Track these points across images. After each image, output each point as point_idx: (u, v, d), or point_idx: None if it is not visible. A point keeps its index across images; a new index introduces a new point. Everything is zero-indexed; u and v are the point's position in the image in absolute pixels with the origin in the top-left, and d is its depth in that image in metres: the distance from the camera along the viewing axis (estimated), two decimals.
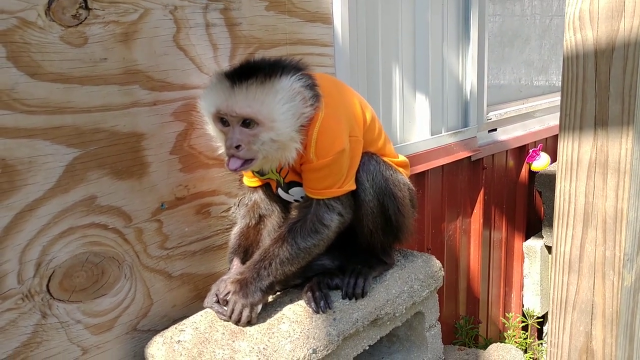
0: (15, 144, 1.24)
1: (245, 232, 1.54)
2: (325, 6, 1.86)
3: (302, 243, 1.39)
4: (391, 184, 1.47)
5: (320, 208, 1.39)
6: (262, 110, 1.27)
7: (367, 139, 1.47)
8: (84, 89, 1.33)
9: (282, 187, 1.48)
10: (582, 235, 1.26)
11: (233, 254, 1.52)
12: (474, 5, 2.55)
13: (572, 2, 1.19)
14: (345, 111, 1.42)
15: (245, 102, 1.27)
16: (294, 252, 1.38)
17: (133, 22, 1.39)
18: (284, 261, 1.38)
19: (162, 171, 1.50)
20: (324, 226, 1.39)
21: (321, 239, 1.40)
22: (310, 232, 1.39)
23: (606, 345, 1.26)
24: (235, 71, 1.31)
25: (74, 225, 1.35)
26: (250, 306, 1.37)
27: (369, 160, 1.46)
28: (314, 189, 1.39)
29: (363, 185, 1.44)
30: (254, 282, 1.37)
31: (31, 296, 1.30)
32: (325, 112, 1.35)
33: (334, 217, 1.40)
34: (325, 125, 1.34)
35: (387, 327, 1.56)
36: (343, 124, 1.38)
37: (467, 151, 2.62)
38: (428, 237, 2.54)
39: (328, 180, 1.37)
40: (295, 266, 1.40)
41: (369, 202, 1.45)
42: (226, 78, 1.30)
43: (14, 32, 1.20)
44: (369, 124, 1.48)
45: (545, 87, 3.52)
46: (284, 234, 1.40)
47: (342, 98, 1.45)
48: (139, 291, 1.50)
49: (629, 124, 1.16)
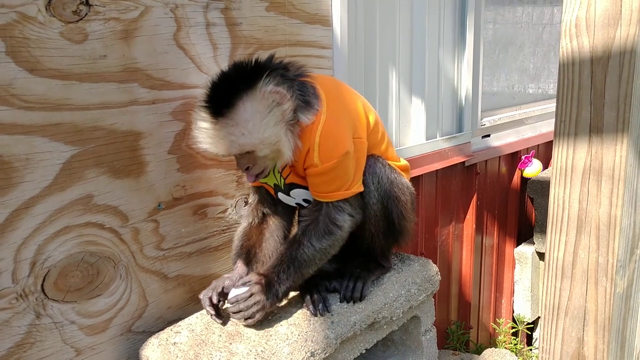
0: (13, 140, 1.22)
1: (248, 233, 1.52)
2: (324, 8, 1.86)
3: (317, 244, 1.38)
4: (395, 187, 1.47)
5: (330, 210, 1.39)
6: (246, 142, 1.28)
7: (370, 142, 1.46)
8: (83, 86, 1.31)
9: (283, 190, 1.47)
10: (576, 241, 1.26)
11: (236, 255, 1.51)
12: (470, 12, 2.56)
13: (569, 9, 1.20)
14: (348, 113, 1.41)
15: (228, 144, 1.29)
16: (310, 254, 1.38)
17: (133, 20, 1.38)
18: (302, 264, 1.38)
19: (159, 171, 1.49)
20: (336, 227, 1.39)
21: (335, 240, 1.40)
22: (324, 233, 1.39)
23: (598, 352, 1.26)
24: (210, 103, 1.28)
25: (70, 224, 1.33)
26: (262, 307, 1.35)
27: (375, 163, 1.46)
28: (321, 192, 1.39)
29: (368, 188, 1.44)
30: (276, 285, 1.36)
31: (25, 296, 1.27)
32: (326, 115, 1.35)
33: (345, 217, 1.40)
34: (327, 128, 1.34)
35: (384, 330, 1.55)
36: (345, 126, 1.37)
37: (461, 156, 2.63)
38: (422, 242, 2.54)
39: (335, 183, 1.37)
40: (312, 268, 1.40)
41: (372, 205, 1.45)
42: (204, 116, 1.29)
43: (13, 27, 1.19)
44: (372, 126, 1.48)
45: (538, 94, 3.55)
46: (299, 237, 1.40)
47: (344, 100, 1.44)
48: (134, 292, 1.48)
49: (623, 132, 1.17)
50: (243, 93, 1.27)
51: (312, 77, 1.39)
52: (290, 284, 1.37)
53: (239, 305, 1.34)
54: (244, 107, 1.27)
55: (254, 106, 1.27)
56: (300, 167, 1.38)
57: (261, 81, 1.27)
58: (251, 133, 1.28)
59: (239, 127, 1.27)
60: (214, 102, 1.27)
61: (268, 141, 1.29)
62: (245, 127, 1.27)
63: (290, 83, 1.32)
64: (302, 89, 1.34)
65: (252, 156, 1.32)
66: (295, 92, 1.32)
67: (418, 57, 2.40)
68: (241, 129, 1.27)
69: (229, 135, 1.28)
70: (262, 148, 1.30)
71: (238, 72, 1.30)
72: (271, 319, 1.39)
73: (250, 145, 1.29)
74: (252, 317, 1.34)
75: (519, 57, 3.35)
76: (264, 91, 1.27)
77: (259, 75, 1.28)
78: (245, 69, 1.30)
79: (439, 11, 2.46)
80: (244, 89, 1.27)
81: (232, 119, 1.27)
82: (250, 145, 1.29)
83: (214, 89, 1.29)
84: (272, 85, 1.28)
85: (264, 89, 1.28)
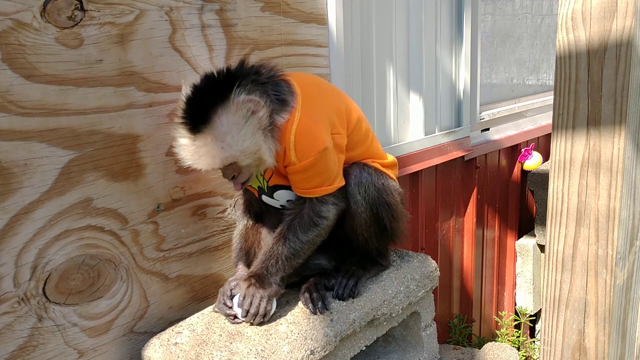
0: (11, 146, 1.23)
1: (245, 234, 1.54)
2: (320, 7, 1.86)
3: (303, 237, 1.40)
4: (384, 193, 1.47)
5: (314, 203, 1.40)
6: (227, 156, 1.29)
7: (354, 139, 1.46)
8: (80, 91, 1.32)
9: (266, 192, 1.48)
10: (575, 233, 1.26)
11: (237, 258, 1.54)
12: (467, 5, 2.56)
13: (565, 2, 1.19)
14: (325, 109, 1.40)
15: (210, 159, 1.29)
16: (297, 247, 1.40)
17: (129, 24, 1.39)
18: (289, 257, 1.40)
19: (158, 173, 1.50)
20: (321, 218, 1.41)
21: (322, 229, 1.42)
22: (309, 225, 1.40)
23: (599, 343, 1.27)
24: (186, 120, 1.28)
25: (70, 228, 1.34)
26: (267, 298, 1.38)
27: (361, 172, 1.45)
28: (303, 189, 1.40)
29: (355, 198, 1.44)
30: (267, 276, 1.39)
31: (27, 299, 1.29)
32: (301, 111, 1.34)
33: (329, 207, 1.41)
34: (302, 126, 1.33)
35: (384, 327, 1.56)
36: (322, 122, 1.36)
37: (461, 151, 2.63)
38: (422, 237, 2.55)
39: (316, 180, 1.37)
40: (301, 258, 1.43)
41: (361, 214, 1.45)
42: (183, 133, 1.29)
43: (9, 34, 1.20)
44: (354, 124, 1.47)
45: (537, 87, 3.54)
46: (284, 231, 1.41)
47: (322, 96, 1.43)
48: (135, 293, 1.49)
49: (621, 124, 1.17)
50: (217, 106, 1.26)
51: (286, 75, 1.38)
52: (282, 274, 1.40)
53: (244, 310, 1.37)
54: (220, 120, 1.26)
55: (229, 118, 1.27)
56: (280, 166, 1.39)
57: (233, 92, 1.27)
58: (230, 146, 1.28)
59: (217, 141, 1.27)
60: (190, 118, 1.27)
61: (248, 151, 1.29)
62: (224, 140, 1.27)
63: (263, 88, 1.31)
64: (276, 88, 1.33)
65: (236, 166, 1.33)
66: (270, 95, 1.31)
67: (415, 52, 2.40)
68: (220, 143, 1.27)
69: (210, 150, 1.28)
70: (244, 158, 1.30)
71: (210, 84, 1.29)
72: (271, 318, 1.41)
73: (232, 158, 1.29)
74: (265, 314, 1.37)
75: (517, 50, 3.35)
76: (237, 102, 1.27)
77: (230, 86, 1.27)
78: (216, 81, 1.29)
79: (435, 5, 2.45)
80: (217, 101, 1.26)
81: (210, 134, 1.26)
82: (231, 157, 1.29)
83: (189, 104, 1.28)
84: (244, 95, 1.27)
85: (237, 99, 1.27)
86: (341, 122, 1.43)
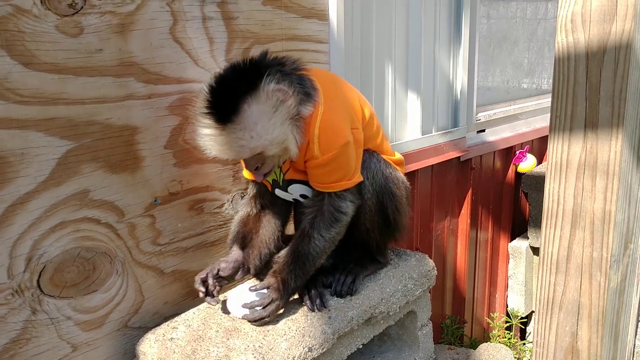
0: (8, 134, 1.20)
1: (245, 220, 1.53)
2: (321, 2, 1.85)
3: (327, 234, 1.40)
4: (390, 182, 1.47)
5: (333, 199, 1.40)
6: (256, 145, 1.28)
7: (366, 135, 1.46)
8: (79, 80, 1.30)
9: (281, 186, 1.47)
10: (570, 236, 1.26)
11: (233, 240, 1.52)
12: (465, 7, 2.56)
13: (565, 4, 1.19)
14: (344, 104, 1.41)
15: (238, 148, 1.28)
16: (322, 245, 1.40)
17: (130, 13, 1.36)
18: (315, 256, 1.40)
19: (156, 166, 1.48)
20: (342, 214, 1.40)
21: (342, 226, 1.42)
22: (331, 222, 1.40)
23: (592, 345, 1.27)
24: (213, 110, 1.25)
25: (66, 220, 1.32)
26: (277, 308, 1.38)
27: (370, 158, 1.45)
28: (323, 183, 1.39)
29: (363, 183, 1.44)
30: (291, 284, 1.38)
31: (21, 291, 1.27)
32: (324, 106, 1.34)
33: (348, 204, 1.41)
34: (325, 119, 1.33)
35: (381, 325, 1.55)
36: (344, 117, 1.37)
37: (457, 151, 2.63)
38: (417, 236, 2.55)
39: (337, 174, 1.37)
40: (324, 258, 1.43)
41: (367, 201, 1.45)
42: (209, 123, 1.26)
43: (8, 20, 1.17)
44: (367, 119, 1.48)
45: (533, 90, 3.55)
46: (307, 230, 1.40)
47: (340, 91, 1.44)
48: (130, 287, 1.47)
49: (618, 127, 1.17)
50: (246, 95, 1.25)
51: (308, 70, 1.38)
52: (305, 279, 1.41)
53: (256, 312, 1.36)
54: (250, 110, 1.25)
55: (259, 108, 1.25)
56: (300, 161, 1.38)
57: (263, 81, 1.25)
58: (260, 135, 1.26)
59: (247, 130, 1.25)
60: (217, 108, 1.25)
61: (277, 140, 1.28)
62: (254, 130, 1.26)
63: (289, 78, 1.30)
64: (301, 82, 1.33)
65: (261, 156, 1.32)
66: (295, 86, 1.30)
67: (414, 51, 2.40)
68: (250, 132, 1.26)
69: (238, 140, 1.26)
70: (271, 148, 1.29)
71: (236, 73, 1.28)
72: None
73: (261, 147, 1.28)
74: (268, 318, 1.36)
75: (513, 52, 3.36)
76: (267, 91, 1.25)
77: (258, 75, 1.26)
78: (243, 70, 1.28)
79: (434, 6, 2.45)
80: (246, 91, 1.25)
81: (240, 123, 1.25)
82: (260, 147, 1.28)
83: (214, 94, 1.26)
84: (274, 84, 1.26)
85: (267, 88, 1.25)
86: (357, 117, 1.44)
